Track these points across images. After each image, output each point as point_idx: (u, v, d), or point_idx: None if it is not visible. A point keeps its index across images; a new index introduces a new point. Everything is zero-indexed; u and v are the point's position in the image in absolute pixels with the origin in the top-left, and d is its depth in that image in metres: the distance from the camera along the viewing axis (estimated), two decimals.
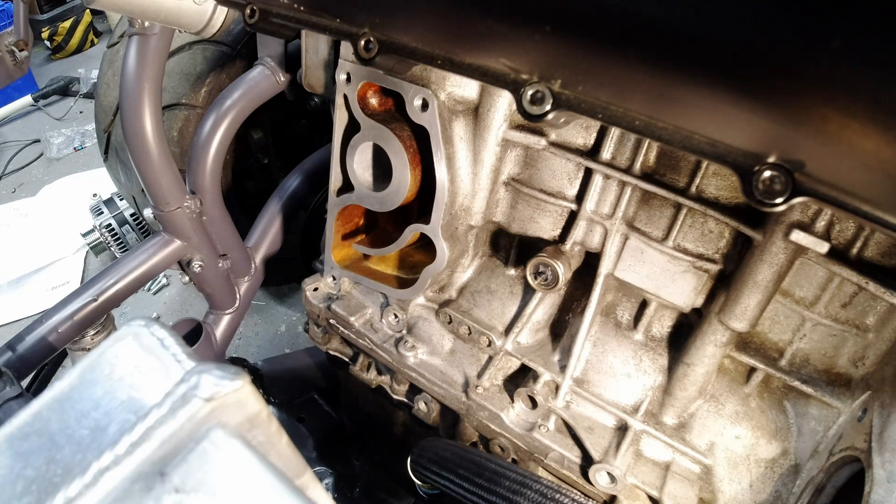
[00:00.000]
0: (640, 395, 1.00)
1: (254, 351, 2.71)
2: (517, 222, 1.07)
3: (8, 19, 4.14)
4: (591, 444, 0.99)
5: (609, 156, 0.90)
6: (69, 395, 0.34)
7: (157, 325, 0.36)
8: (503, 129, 0.95)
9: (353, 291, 1.28)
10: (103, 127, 2.15)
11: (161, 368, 0.34)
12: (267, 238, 1.83)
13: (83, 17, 5.58)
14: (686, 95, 0.50)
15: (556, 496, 0.85)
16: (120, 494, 0.28)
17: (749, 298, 0.80)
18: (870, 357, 0.83)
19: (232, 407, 0.31)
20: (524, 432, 1.05)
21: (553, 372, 1.02)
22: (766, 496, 0.91)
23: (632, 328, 1.02)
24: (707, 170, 0.84)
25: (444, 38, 0.62)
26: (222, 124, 1.57)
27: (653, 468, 0.98)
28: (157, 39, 1.28)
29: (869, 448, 0.71)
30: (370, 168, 1.12)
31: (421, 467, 1.03)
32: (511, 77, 0.58)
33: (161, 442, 0.29)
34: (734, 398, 0.95)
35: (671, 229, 0.89)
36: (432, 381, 1.15)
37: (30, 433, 0.32)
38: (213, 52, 1.92)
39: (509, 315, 1.10)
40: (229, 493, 0.29)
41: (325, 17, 0.72)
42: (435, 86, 0.92)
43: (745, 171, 0.48)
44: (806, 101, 0.45)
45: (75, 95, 4.78)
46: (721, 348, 0.88)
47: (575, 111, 0.55)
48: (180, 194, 1.51)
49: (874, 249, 0.78)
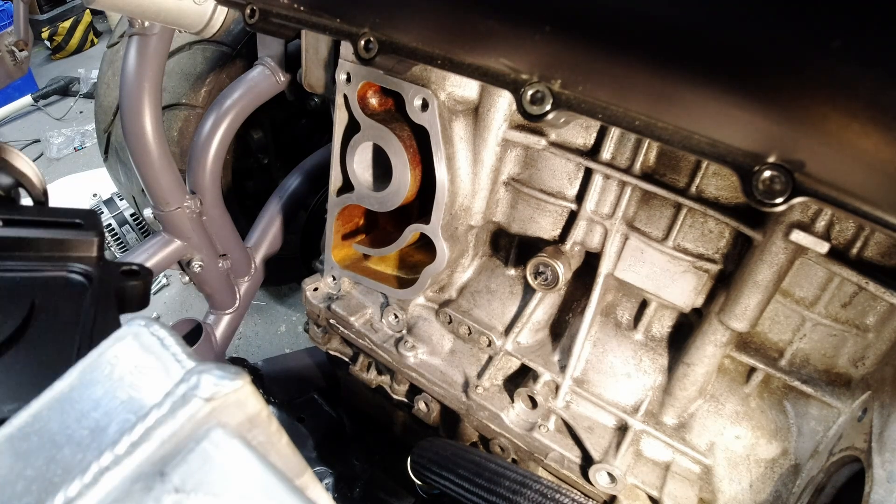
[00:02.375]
0: (640, 395, 1.00)
1: (254, 351, 2.71)
2: (517, 222, 1.07)
3: (8, 19, 4.14)
4: (591, 444, 0.99)
5: (609, 156, 0.90)
6: (69, 395, 0.34)
7: (157, 324, 0.36)
8: (503, 129, 0.95)
9: (353, 291, 1.28)
10: (103, 127, 2.15)
11: (161, 368, 0.34)
12: (267, 238, 1.84)
13: (83, 17, 5.59)
14: (686, 95, 0.50)
15: (556, 496, 0.85)
16: (120, 494, 0.28)
17: (749, 298, 0.80)
18: (870, 357, 0.83)
19: (232, 407, 0.31)
20: (524, 432, 1.06)
21: (553, 372, 1.02)
22: (766, 496, 0.91)
23: (632, 328, 1.02)
24: (707, 170, 0.84)
25: (444, 38, 0.62)
26: (222, 124, 1.57)
27: (653, 468, 0.98)
28: (157, 39, 1.28)
29: (869, 448, 0.71)
30: (370, 168, 1.12)
31: (421, 467, 1.03)
32: (511, 77, 0.58)
33: (161, 442, 0.29)
34: (734, 398, 0.95)
35: (671, 229, 0.89)
36: (432, 381, 1.15)
37: (30, 433, 0.32)
38: (213, 52, 1.92)
39: (509, 315, 1.10)
40: (229, 494, 0.29)
41: (325, 17, 0.72)
42: (435, 86, 0.92)
43: (745, 171, 0.48)
44: (806, 101, 0.45)
45: (75, 95, 4.78)
46: (721, 348, 0.88)
47: (575, 111, 0.55)
48: (180, 194, 1.51)
49: (874, 249, 0.78)
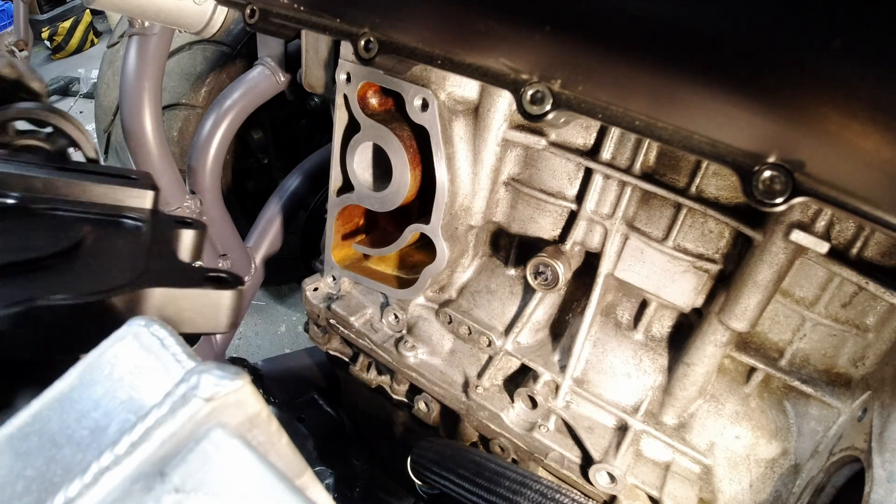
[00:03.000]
0: (640, 395, 1.00)
1: (254, 351, 2.71)
2: (517, 222, 1.07)
3: (8, 19, 4.14)
4: (591, 444, 0.99)
5: (609, 156, 0.90)
6: (69, 395, 0.34)
7: (157, 324, 0.36)
8: (503, 129, 0.95)
9: (353, 291, 1.28)
10: (103, 127, 2.15)
11: (161, 368, 0.34)
12: (267, 238, 1.84)
13: (83, 17, 5.59)
14: (686, 95, 0.50)
15: (556, 496, 0.85)
16: (120, 494, 0.28)
17: (749, 298, 0.80)
18: (870, 357, 0.83)
19: (232, 407, 0.31)
20: (524, 432, 1.05)
21: (553, 372, 1.02)
22: (766, 496, 0.91)
23: (632, 328, 1.02)
24: (707, 170, 0.84)
25: (444, 38, 0.62)
26: (222, 124, 1.57)
27: (653, 468, 0.98)
28: (157, 39, 1.28)
29: (869, 448, 0.71)
30: (370, 168, 1.12)
31: (421, 467, 1.03)
32: (511, 77, 0.58)
33: (161, 442, 0.29)
34: (734, 398, 0.95)
35: (671, 229, 0.89)
36: (432, 381, 1.14)
37: (30, 433, 0.32)
38: (213, 52, 1.92)
39: (509, 315, 1.10)
40: (229, 494, 0.29)
41: (325, 17, 0.72)
42: (435, 86, 0.92)
43: (745, 171, 0.48)
44: (806, 101, 0.45)
45: (75, 95, 4.78)
46: (721, 348, 0.88)
47: (575, 111, 0.55)
48: (180, 194, 1.51)
49: (874, 249, 0.77)
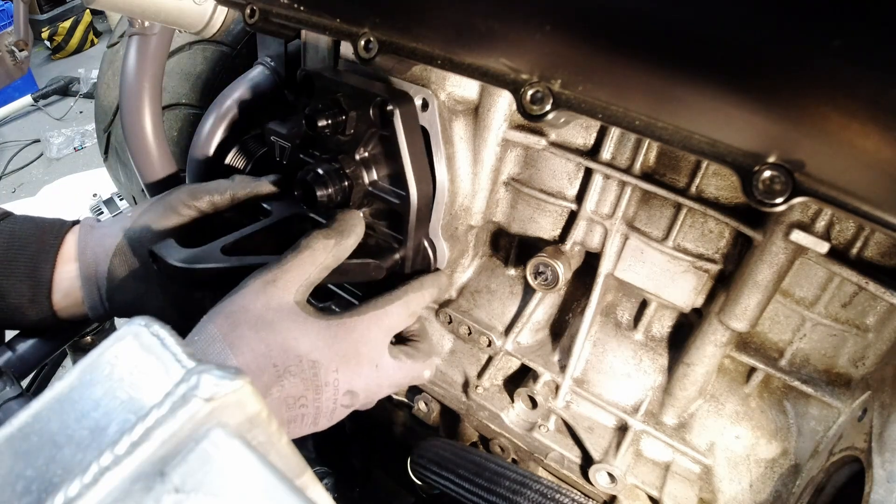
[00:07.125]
0: (640, 395, 1.00)
1: None
2: (517, 222, 1.07)
3: (8, 19, 4.14)
4: (591, 444, 0.99)
5: (609, 156, 0.90)
6: (69, 395, 0.34)
7: (158, 324, 0.36)
8: (503, 129, 0.95)
9: None
10: (103, 127, 2.15)
11: (161, 368, 0.34)
12: None
13: (83, 17, 5.59)
14: (686, 95, 0.50)
15: (556, 496, 0.85)
16: (120, 494, 0.28)
17: (749, 298, 0.80)
18: (870, 357, 0.83)
19: (232, 407, 0.31)
20: (524, 432, 1.06)
21: (553, 372, 1.02)
22: (766, 496, 0.91)
23: (632, 328, 1.02)
24: (707, 170, 0.84)
25: (444, 38, 0.62)
26: (222, 124, 1.57)
27: (653, 468, 0.98)
28: (157, 39, 1.28)
29: (869, 448, 0.71)
30: None
31: (421, 467, 1.03)
32: (511, 77, 0.58)
33: (161, 442, 0.29)
34: (734, 398, 0.95)
35: (671, 229, 0.89)
36: (432, 380, 1.15)
37: (30, 433, 0.32)
38: (213, 52, 1.92)
39: (509, 315, 1.10)
40: (229, 493, 0.29)
41: (325, 17, 0.72)
42: (435, 86, 0.92)
43: (744, 171, 0.48)
44: (806, 101, 0.45)
45: (75, 95, 4.78)
46: (721, 348, 0.88)
47: (575, 111, 0.55)
48: None
49: (874, 249, 0.77)
